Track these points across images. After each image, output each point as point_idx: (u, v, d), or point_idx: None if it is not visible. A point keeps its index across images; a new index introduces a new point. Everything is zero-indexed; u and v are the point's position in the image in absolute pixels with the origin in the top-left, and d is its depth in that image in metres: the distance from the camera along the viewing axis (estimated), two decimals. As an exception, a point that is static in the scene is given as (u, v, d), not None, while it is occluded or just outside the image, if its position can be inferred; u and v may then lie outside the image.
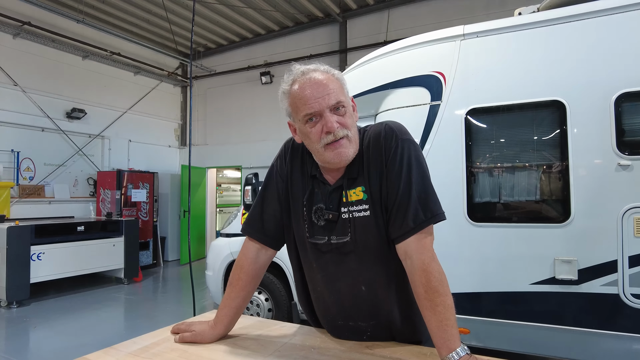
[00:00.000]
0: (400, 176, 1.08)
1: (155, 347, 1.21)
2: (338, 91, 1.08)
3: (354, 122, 1.14)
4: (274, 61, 8.40)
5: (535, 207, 2.69)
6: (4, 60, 6.54)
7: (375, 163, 1.12)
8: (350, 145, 1.09)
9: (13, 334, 4.39)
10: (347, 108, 1.10)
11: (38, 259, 5.55)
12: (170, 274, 7.89)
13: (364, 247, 1.14)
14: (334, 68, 1.15)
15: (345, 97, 1.11)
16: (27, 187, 6.76)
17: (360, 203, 1.13)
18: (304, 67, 1.12)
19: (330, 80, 1.09)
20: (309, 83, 1.07)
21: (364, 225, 1.12)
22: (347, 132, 1.08)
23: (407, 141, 1.11)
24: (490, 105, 2.77)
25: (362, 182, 1.13)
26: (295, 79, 1.10)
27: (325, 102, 1.06)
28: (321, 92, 1.06)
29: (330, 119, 1.06)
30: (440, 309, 0.99)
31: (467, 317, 2.78)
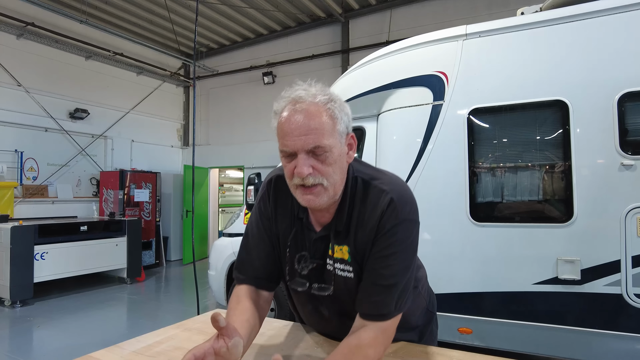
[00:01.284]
0: (386, 261, 0.98)
1: (158, 345, 1.21)
2: (324, 132, 0.93)
3: (340, 167, 0.99)
4: (276, 61, 8.41)
5: (538, 207, 2.68)
6: (7, 60, 6.57)
7: (365, 231, 1.01)
8: (325, 193, 0.97)
9: (17, 333, 4.41)
10: (329, 153, 0.94)
11: (41, 258, 5.57)
12: (172, 273, 7.91)
13: (343, 299, 1.09)
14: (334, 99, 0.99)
15: (334, 139, 0.95)
16: (30, 187, 6.79)
17: (344, 262, 1.05)
18: (298, 93, 0.97)
19: (320, 116, 0.94)
20: (293, 117, 0.94)
21: (346, 284, 1.06)
22: (322, 180, 0.95)
23: (406, 223, 0.99)
24: (492, 105, 2.77)
25: (349, 243, 1.04)
26: (286, 105, 0.97)
27: (301, 143, 0.93)
28: (301, 130, 0.92)
29: (303, 162, 0.93)
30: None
31: (469, 316, 2.78)
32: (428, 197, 2.85)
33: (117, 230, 6.64)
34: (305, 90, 0.97)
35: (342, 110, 0.99)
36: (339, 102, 0.99)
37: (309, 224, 1.10)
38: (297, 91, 0.98)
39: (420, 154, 2.88)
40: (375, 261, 0.99)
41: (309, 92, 0.97)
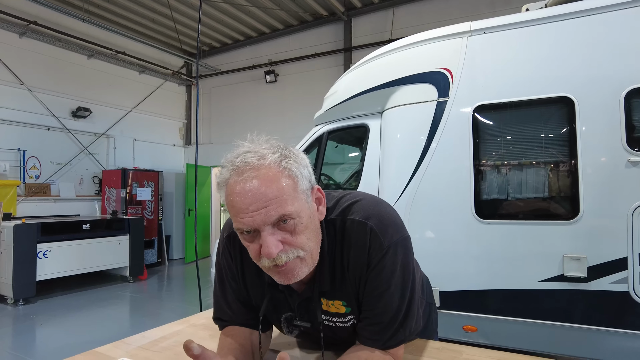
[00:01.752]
0: (382, 298, 0.89)
1: (164, 341, 1.20)
2: (286, 198, 0.77)
3: (313, 230, 0.85)
4: (279, 60, 8.39)
5: (543, 204, 2.67)
6: (10, 59, 6.57)
7: (355, 272, 0.90)
8: (303, 264, 0.83)
9: (20, 331, 4.41)
10: (298, 219, 0.80)
11: (44, 256, 5.57)
12: (175, 272, 7.91)
13: (344, 341, 1.00)
14: (289, 153, 0.83)
15: (299, 202, 0.80)
16: (33, 186, 6.79)
17: (342, 316, 0.96)
18: (245, 156, 0.80)
19: (277, 181, 0.77)
20: (244, 189, 0.77)
21: (348, 330, 0.98)
22: (297, 252, 0.81)
23: (393, 248, 0.88)
24: (497, 101, 2.75)
25: (343, 297, 0.93)
26: (231, 173, 0.80)
27: (261, 217, 0.76)
28: (258, 203, 0.76)
29: (269, 241, 0.77)
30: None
31: (474, 314, 2.77)
32: (433, 194, 2.84)
33: (120, 228, 6.64)
34: (250, 152, 0.80)
35: (299, 164, 0.82)
36: (294, 155, 0.83)
37: (287, 287, 0.94)
38: (240, 155, 0.80)
39: (425, 150, 2.87)
40: (370, 300, 0.90)
41: (256, 153, 0.80)
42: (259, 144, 0.83)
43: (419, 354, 1.09)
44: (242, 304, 1.03)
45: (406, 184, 2.89)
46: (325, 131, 3.50)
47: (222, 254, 1.03)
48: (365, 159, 3.24)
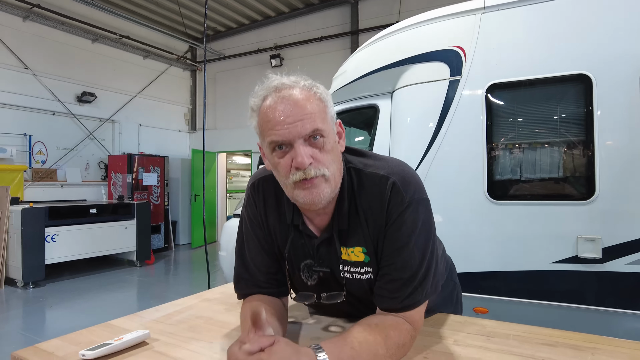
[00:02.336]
0: (402, 253, 0.89)
1: (178, 314, 1.18)
2: (318, 116, 0.85)
3: (336, 156, 0.90)
4: (284, 44, 8.29)
5: (558, 184, 2.62)
6: (14, 43, 6.52)
7: (375, 224, 0.92)
8: (327, 185, 0.87)
9: (30, 313, 4.45)
10: (327, 138, 0.86)
11: (52, 240, 5.59)
12: (181, 257, 7.95)
13: (358, 300, 1.02)
14: (317, 85, 0.90)
15: (327, 124, 0.87)
16: (39, 171, 6.79)
17: (361, 265, 0.95)
18: (279, 80, 0.88)
19: (311, 101, 0.85)
20: (281, 103, 0.84)
21: (363, 286, 0.98)
22: (324, 170, 0.85)
23: (414, 205, 0.89)
24: (512, 80, 2.68)
25: (362, 243, 0.94)
26: (267, 94, 0.87)
27: (297, 129, 0.83)
28: (295, 116, 0.83)
29: (302, 152, 0.83)
30: (366, 346, 0.80)
31: (485, 296, 2.74)
32: (444, 174, 2.79)
33: (126, 213, 6.66)
34: (282, 79, 0.89)
35: (327, 94, 0.91)
36: (323, 87, 0.91)
37: (307, 230, 0.98)
38: (273, 81, 0.89)
39: (437, 129, 2.81)
40: (390, 255, 0.91)
41: (290, 80, 0.89)
42: (290, 76, 0.90)
43: (442, 327, 1.07)
44: (267, 253, 1.04)
45: (417, 165, 2.84)
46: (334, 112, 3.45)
47: (246, 205, 1.07)
48: (374, 141, 3.19)
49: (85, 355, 0.87)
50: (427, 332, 1.03)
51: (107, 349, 0.89)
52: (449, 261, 1.33)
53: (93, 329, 1.06)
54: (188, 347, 0.95)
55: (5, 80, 6.40)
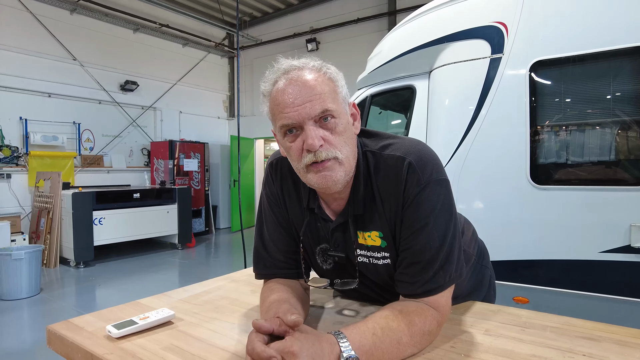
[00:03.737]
0: (420, 235, 0.85)
1: (205, 295, 1.19)
2: (328, 96, 0.83)
3: (350, 138, 0.87)
4: (320, 27, 8.19)
5: (610, 168, 2.43)
6: (63, 36, 6.81)
7: (392, 207, 0.89)
8: (341, 167, 0.85)
9: (82, 291, 4.73)
10: (338, 119, 0.84)
11: (99, 223, 5.89)
12: (221, 240, 8.16)
13: (378, 285, 0.99)
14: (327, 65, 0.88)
15: (339, 105, 0.85)
16: (87, 157, 7.14)
17: (378, 250, 0.93)
18: (289, 63, 0.87)
19: (320, 81, 0.83)
20: (290, 84, 0.83)
21: (379, 271, 0.95)
22: (336, 152, 0.83)
23: (432, 186, 0.86)
24: (559, 56, 2.50)
25: (379, 227, 0.91)
26: (277, 78, 0.86)
27: (306, 111, 0.81)
28: (304, 97, 0.81)
29: (312, 133, 0.81)
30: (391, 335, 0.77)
31: (526, 285, 2.62)
32: (484, 158, 2.67)
33: (168, 198, 6.89)
34: (291, 62, 0.88)
35: (338, 74, 0.89)
36: (334, 67, 0.89)
37: (323, 214, 0.97)
38: (282, 65, 0.87)
39: (476, 111, 2.68)
40: (408, 238, 0.87)
41: (299, 61, 0.87)
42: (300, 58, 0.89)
43: (473, 315, 1.01)
44: (286, 231, 1.02)
45: (456, 147, 2.73)
46: (369, 94, 3.37)
47: (265, 184, 1.07)
48: (410, 124, 3.09)
49: (111, 331, 0.89)
50: (456, 320, 0.98)
51: (131, 329, 0.90)
52: (481, 245, 1.27)
53: (123, 307, 1.09)
54: (210, 327, 0.95)
55: (56, 71, 6.73)
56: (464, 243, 1.13)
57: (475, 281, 1.19)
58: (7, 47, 6.15)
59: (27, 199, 6.32)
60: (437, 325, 0.84)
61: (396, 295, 0.91)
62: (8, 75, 6.15)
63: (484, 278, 1.23)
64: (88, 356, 0.84)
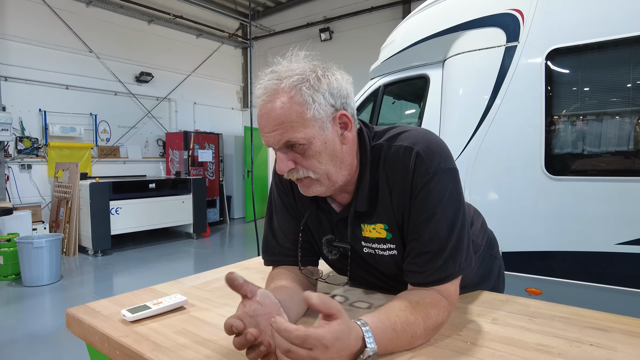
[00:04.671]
0: (428, 225, 0.85)
1: (217, 282, 1.22)
2: (294, 125, 0.80)
3: (331, 155, 0.85)
4: (334, 16, 8.12)
5: (629, 159, 2.38)
6: (80, 28, 6.90)
7: (399, 197, 0.89)
8: (319, 184, 0.87)
9: (100, 279, 4.85)
10: (308, 145, 0.82)
11: (116, 213, 6.01)
12: (236, 230, 8.26)
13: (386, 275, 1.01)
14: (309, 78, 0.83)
15: (309, 129, 0.81)
16: (104, 148, 7.27)
17: (383, 242, 0.93)
18: (269, 77, 0.84)
19: (287, 108, 0.80)
20: (261, 111, 0.83)
21: (386, 262, 0.96)
22: (308, 173, 0.85)
23: (440, 175, 0.85)
24: (576, 43, 2.44)
25: (384, 219, 0.91)
26: (257, 96, 0.86)
27: (272, 140, 0.82)
28: (269, 127, 0.81)
29: (280, 160, 0.84)
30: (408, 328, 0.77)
31: (539, 277, 2.60)
32: (498, 148, 2.64)
33: (183, 188, 6.99)
34: (274, 73, 0.85)
35: (317, 89, 0.82)
36: (315, 76, 0.83)
37: (327, 206, 0.98)
38: (267, 75, 0.85)
39: (491, 100, 2.65)
40: (417, 227, 0.87)
41: (276, 75, 0.84)
42: (291, 64, 0.87)
43: (481, 305, 1.01)
44: (294, 220, 1.04)
45: (470, 137, 2.70)
46: (382, 84, 3.34)
47: (274, 174, 1.07)
48: (424, 114, 3.07)
49: (126, 315, 0.92)
50: (464, 309, 0.99)
51: (145, 313, 0.93)
52: (490, 235, 1.26)
53: (137, 293, 1.12)
54: (221, 312, 0.98)
55: (73, 64, 6.84)
56: (474, 233, 1.13)
57: (484, 271, 1.19)
58: (27, 40, 6.27)
59: (47, 189, 6.48)
60: (447, 315, 0.85)
61: (404, 284, 0.92)
62: (28, 68, 6.28)
63: (492, 268, 1.23)
64: (104, 338, 0.87)
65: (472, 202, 2.69)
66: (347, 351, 0.67)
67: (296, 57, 0.88)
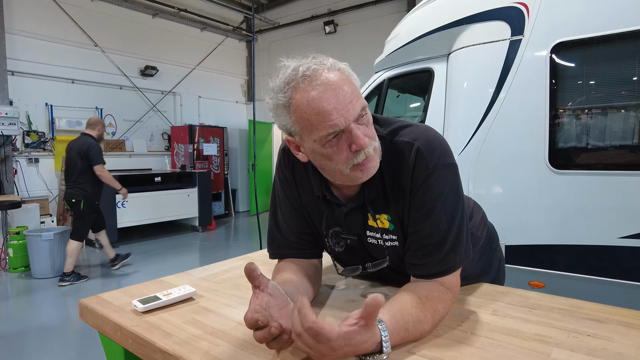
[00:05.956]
0: (429, 218, 0.87)
1: (224, 274, 1.25)
2: (358, 94, 0.82)
3: None
4: (338, 9, 8.09)
5: (634, 153, 2.39)
6: (85, 22, 6.93)
7: (399, 191, 0.91)
8: (377, 155, 0.87)
9: (107, 271, 4.92)
10: (367, 114, 0.84)
11: (122, 206, 6.07)
12: (241, 223, 8.31)
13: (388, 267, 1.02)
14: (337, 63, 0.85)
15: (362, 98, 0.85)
16: (110, 142, 7.32)
17: (386, 232, 0.95)
18: (305, 66, 0.81)
19: (346, 80, 0.81)
20: (327, 91, 0.78)
21: (388, 253, 0.98)
22: (374, 144, 0.85)
23: (439, 170, 0.87)
24: (581, 37, 2.44)
25: (387, 210, 0.93)
26: (298, 85, 0.80)
27: (350, 113, 0.79)
28: (346, 99, 0.79)
29: (360, 133, 0.81)
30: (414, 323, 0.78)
31: (542, 270, 2.62)
32: (502, 142, 2.64)
33: (189, 182, 7.04)
34: (307, 64, 0.82)
35: (350, 70, 0.87)
36: (344, 64, 0.86)
37: (335, 199, 0.98)
38: (298, 69, 0.81)
39: (495, 94, 2.65)
40: (417, 221, 0.89)
41: (315, 60, 0.82)
42: (308, 58, 0.84)
43: (481, 297, 1.04)
44: (298, 213, 1.05)
45: (474, 131, 2.71)
46: (386, 78, 3.35)
47: (278, 168, 1.09)
48: (428, 108, 3.07)
49: (137, 306, 0.95)
50: (464, 300, 1.01)
51: (156, 304, 0.96)
52: (490, 228, 1.28)
53: (147, 284, 1.16)
54: (228, 303, 1.01)
55: (79, 58, 6.87)
56: (473, 226, 1.15)
57: (485, 263, 1.21)
58: (33, 34, 6.30)
59: (54, 182, 6.55)
60: (451, 306, 0.89)
61: (406, 276, 0.95)
62: (34, 63, 6.32)
63: (493, 261, 1.25)
64: (116, 327, 0.90)
65: (476, 195, 2.71)
66: (356, 352, 0.68)
67: (299, 59, 0.85)
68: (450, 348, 0.77)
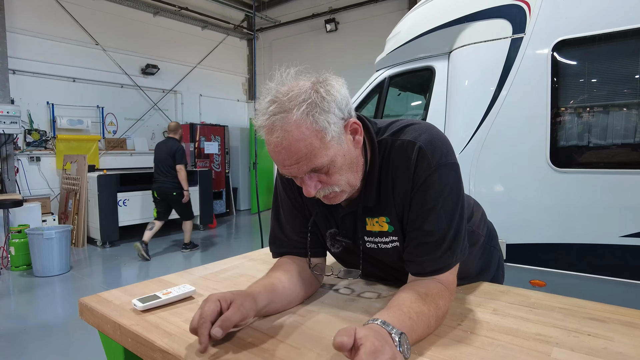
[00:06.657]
0: (428, 216, 0.88)
1: (225, 272, 1.25)
2: (315, 152, 0.79)
3: (349, 164, 0.86)
4: (339, 7, 8.07)
5: (636, 151, 2.38)
6: (86, 21, 6.92)
7: (400, 190, 0.91)
8: (343, 193, 0.89)
9: (108, 269, 4.93)
10: (331, 163, 0.82)
11: (124, 204, 6.08)
12: (242, 221, 8.32)
13: (390, 267, 1.03)
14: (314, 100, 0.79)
15: (330, 149, 0.81)
16: (111, 140, 7.32)
17: (385, 235, 0.96)
18: (272, 110, 0.79)
19: (302, 141, 0.78)
20: (277, 149, 0.80)
21: (389, 254, 0.98)
22: (333, 188, 0.86)
23: (441, 169, 0.87)
24: (583, 35, 2.43)
25: (386, 212, 0.94)
26: (264, 128, 0.82)
27: (295, 171, 0.82)
28: (291, 161, 0.80)
29: (307, 183, 0.85)
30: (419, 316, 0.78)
31: (543, 269, 2.62)
32: (503, 140, 2.64)
33: (190, 180, 7.00)
34: (277, 103, 0.79)
35: (327, 110, 0.79)
36: (320, 97, 0.79)
37: None
38: (267, 104, 0.80)
39: (497, 92, 2.64)
40: (417, 219, 0.89)
41: (282, 104, 0.78)
42: (286, 88, 0.81)
43: (481, 295, 1.04)
44: (300, 213, 1.06)
45: (475, 129, 2.70)
46: (387, 76, 3.34)
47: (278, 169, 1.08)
48: (429, 106, 3.07)
49: (137, 305, 0.95)
50: (465, 299, 1.01)
51: (155, 303, 0.96)
52: (490, 226, 1.28)
53: (147, 283, 1.15)
54: (228, 303, 1.00)
55: (80, 56, 6.87)
56: (474, 224, 1.15)
57: (485, 262, 1.21)
58: (35, 33, 6.30)
59: (55, 181, 6.56)
60: (450, 303, 0.89)
61: (404, 274, 0.95)
62: (36, 61, 6.32)
63: (492, 259, 1.25)
64: (116, 326, 0.90)
65: (478, 193, 2.71)
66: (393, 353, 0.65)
67: (287, 75, 0.83)
68: (450, 347, 0.77)
